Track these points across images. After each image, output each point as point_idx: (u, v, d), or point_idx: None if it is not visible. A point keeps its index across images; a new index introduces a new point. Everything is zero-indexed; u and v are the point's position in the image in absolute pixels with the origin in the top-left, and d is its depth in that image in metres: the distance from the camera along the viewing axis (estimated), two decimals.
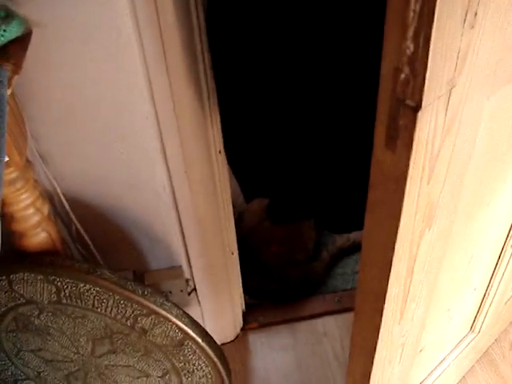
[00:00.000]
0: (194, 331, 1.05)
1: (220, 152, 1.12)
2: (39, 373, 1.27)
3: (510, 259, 1.07)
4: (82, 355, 1.17)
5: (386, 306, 0.72)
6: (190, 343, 1.07)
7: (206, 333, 1.08)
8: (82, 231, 1.15)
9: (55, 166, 1.05)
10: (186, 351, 1.09)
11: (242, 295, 1.59)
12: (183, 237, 1.25)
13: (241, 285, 1.55)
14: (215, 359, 1.10)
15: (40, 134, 1.00)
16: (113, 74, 0.95)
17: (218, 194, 1.20)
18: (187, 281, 1.37)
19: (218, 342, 1.52)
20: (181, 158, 1.09)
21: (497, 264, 1.07)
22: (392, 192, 0.58)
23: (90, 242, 1.19)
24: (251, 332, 1.59)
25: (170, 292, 1.34)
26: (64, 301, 1.05)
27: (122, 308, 1.03)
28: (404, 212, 0.58)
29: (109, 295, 1.02)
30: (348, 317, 1.60)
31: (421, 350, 1.03)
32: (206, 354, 1.09)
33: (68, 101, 0.97)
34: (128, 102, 0.99)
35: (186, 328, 1.04)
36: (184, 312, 1.05)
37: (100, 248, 1.23)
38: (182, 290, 1.35)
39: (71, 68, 0.92)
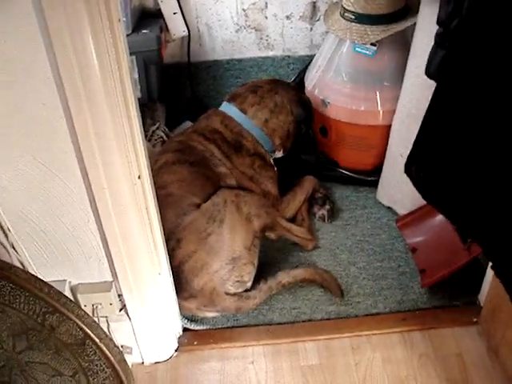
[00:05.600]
0: (92, 331, 1.17)
1: (139, 177, 1.27)
2: None
3: None
4: (6, 350, 1.29)
5: None
6: (91, 343, 1.18)
7: (106, 335, 1.19)
8: (15, 238, 1.31)
9: None
10: (89, 351, 1.20)
11: (179, 318, 1.71)
12: (110, 254, 1.38)
13: (176, 308, 1.67)
14: (114, 362, 1.21)
15: None
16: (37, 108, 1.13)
17: (142, 216, 1.34)
18: (120, 296, 1.50)
19: (152, 361, 1.65)
20: (103, 181, 1.24)
21: None
22: None
23: (24, 250, 1.34)
24: (184, 354, 1.70)
25: (100, 304, 1.47)
26: None
27: (32, 305, 1.16)
28: None
29: (20, 292, 1.15)
30: (276, 348, 1.69)
31: None
32: (105, 356, 1.20)
33: (3, 122, 1.14)
34: (54, 131, 1.16)
35: (85, 327, 1.16)
36: (86, 313, 1.17)
37: (37, 257, 1.38)
38: (111, 304, 1.47)
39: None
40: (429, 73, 1.12)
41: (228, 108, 2.06)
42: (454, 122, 1.03)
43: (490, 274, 1.65)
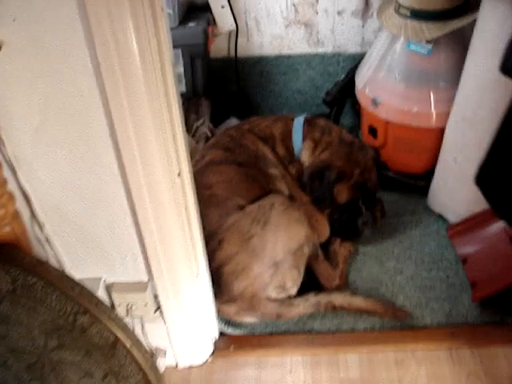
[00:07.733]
0: (123, 335, 1.12)
1: (179, 174, 1.21)
2: (5, 361, 1.37)
3: None
4: (38, 347, 1.26)
5: None
6: (121, 347, 1.14)
7: (137, 340, 1.14)
8: (50, 233, 1.27)
9: (30, 171, 1.18)
10: (120, 354, 1.16)
11: (216, 322, 1.65)
12: (146, 254, 1.33)
13: (214, 311, 1.61)
14: (145, 367, 1.16)
15: (19, 140, 1.13)
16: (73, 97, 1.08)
17: (180, 215, 1.28)
18: (155, 297, 1.45)
19: (186, 364, 1.59)
20: (141, 178, 1.19)
21: None
22: None
23: (58, 246, 1.30)
24: (220, 359, 1.64)
25: (135, 304, 1.42)
26: (18, 291, 1.15)
27: (63, 304, 1.12)
28: None
29: (52, 290, 1.11)
30: (316, 358, 1.62)
31: None
32: (136, 361, 1.15)
33: (40, 113, 1.10)
34: (91, 125, 1.11)
35: (115, 331, 1.11)
36: (118, 316, 1.13)
37: (73, 253, 1.34)
38: (146, 304, 1.42)
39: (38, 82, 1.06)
40: (505, 69, 1.03)
41: (298, 125, 1.92)
42: None
43: None
